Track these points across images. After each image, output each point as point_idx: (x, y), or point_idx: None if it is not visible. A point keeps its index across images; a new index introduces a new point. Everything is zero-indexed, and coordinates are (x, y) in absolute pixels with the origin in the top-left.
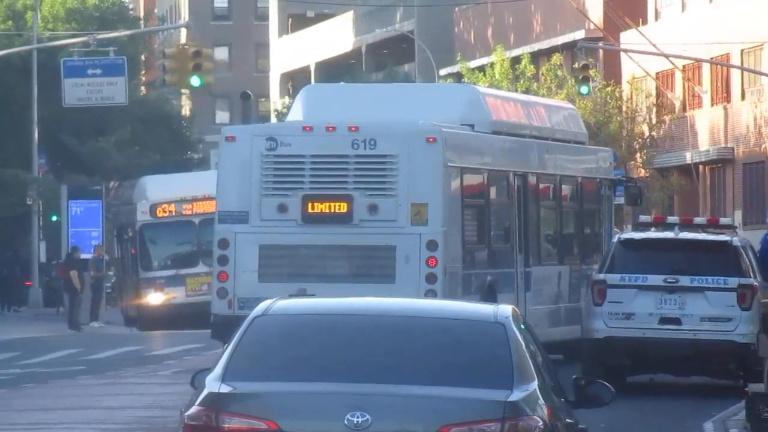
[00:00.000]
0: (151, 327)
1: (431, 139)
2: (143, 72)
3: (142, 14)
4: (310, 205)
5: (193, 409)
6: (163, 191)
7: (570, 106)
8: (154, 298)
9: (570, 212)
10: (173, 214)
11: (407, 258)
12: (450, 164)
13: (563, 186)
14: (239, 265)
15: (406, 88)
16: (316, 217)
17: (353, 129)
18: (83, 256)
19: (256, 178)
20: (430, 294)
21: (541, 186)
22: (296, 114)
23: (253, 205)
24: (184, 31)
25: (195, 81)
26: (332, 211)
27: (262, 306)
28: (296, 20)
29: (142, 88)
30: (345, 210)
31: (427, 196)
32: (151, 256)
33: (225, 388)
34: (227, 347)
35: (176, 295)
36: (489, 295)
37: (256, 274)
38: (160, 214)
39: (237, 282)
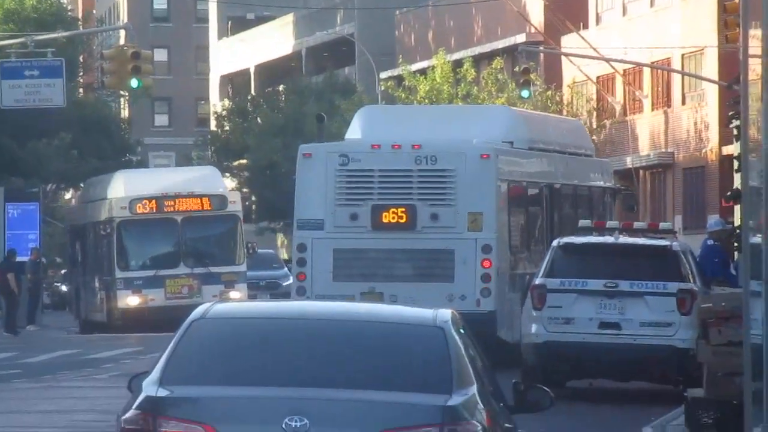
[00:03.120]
0: (125, 330)
1: (485, 156)
2: (81, 74)
3: (80, 15)
4: (378, 213)
5: (130, 413)
6: (143, 186)
7: (579, 122)
8: (131, 300)
9: (585, 218)
10: (154, 210)
11: (464, 260)
12: (500, 177)
13: (579, 194)
14: (316, 266)
15: (453, 109)
16: (384, 224)
17: (416, 147)
18: (20, 259)
19: (330, 190)
20: (485, 292)
21: (563, 195)
22: (355, 132)
23: (327, 214)
24: (123, 33)
25: (134, 83)
26: (398, 219)
27: (200, 309)
28: (236, 23)
29: (81, 90)
30: (409, 218)
31: (481, 206)
32: (129, 254)
33: (162, 392)
34: (165, 350)
35: (154, 297)
36: None
37: (330, 274)
38: (140, 210)
39: (314, 281)
